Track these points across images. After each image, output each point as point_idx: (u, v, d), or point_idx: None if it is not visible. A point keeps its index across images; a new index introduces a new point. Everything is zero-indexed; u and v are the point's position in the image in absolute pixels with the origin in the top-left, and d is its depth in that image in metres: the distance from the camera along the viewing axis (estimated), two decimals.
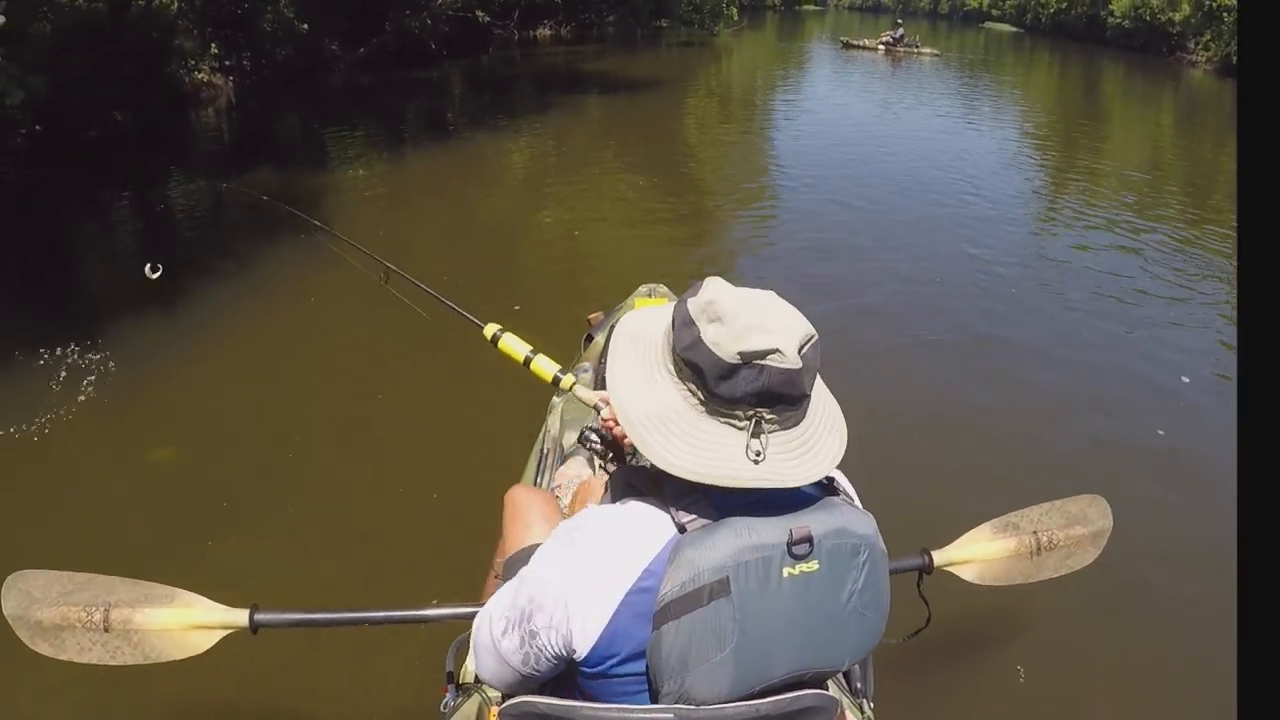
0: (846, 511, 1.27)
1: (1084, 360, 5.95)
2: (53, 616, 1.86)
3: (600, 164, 12.25)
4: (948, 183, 11.33)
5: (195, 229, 8.86)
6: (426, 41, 22.07)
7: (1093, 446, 4.82)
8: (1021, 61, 39.71)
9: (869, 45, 34.80)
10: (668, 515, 1.24)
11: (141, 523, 3.82)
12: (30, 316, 6.22)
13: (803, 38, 49.71)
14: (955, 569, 2.30)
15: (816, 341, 1.20)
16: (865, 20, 74.22)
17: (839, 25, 65.65)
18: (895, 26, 35.46)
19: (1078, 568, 2.42)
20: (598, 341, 3.67)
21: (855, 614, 1.27)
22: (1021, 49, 47.85)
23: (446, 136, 14.06)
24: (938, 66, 30.80)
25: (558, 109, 16.62)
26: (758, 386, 1.16)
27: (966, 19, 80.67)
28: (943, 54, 35.34)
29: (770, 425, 1.20)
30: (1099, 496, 2.51)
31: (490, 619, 1.39)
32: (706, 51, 32.35)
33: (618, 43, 33.29)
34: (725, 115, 18.14)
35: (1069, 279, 7.78)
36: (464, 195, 10.33)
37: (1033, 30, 61.87)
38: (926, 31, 54.72)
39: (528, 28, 30.80)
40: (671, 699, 1.22)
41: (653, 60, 28.39)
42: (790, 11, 78.10)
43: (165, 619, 1.92)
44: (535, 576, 1.29)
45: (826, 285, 7.10)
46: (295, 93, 17.22)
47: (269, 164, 11.59)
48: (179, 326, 5.96)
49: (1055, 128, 18.42)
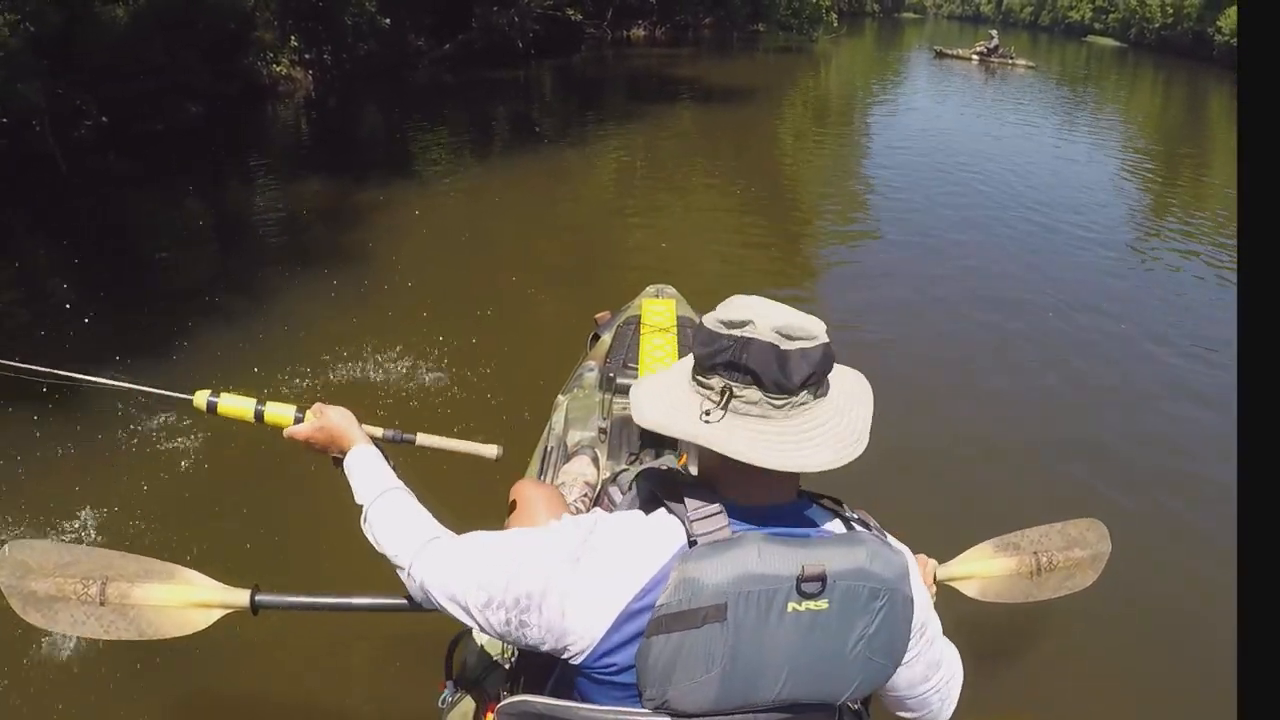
0: (874, 550, 1.21)
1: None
2: (47, 587, 1.77)
3: (690, 175, 11.37)
4: (1033, 206, 10.34)
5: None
6: (514, 40, 21.01)
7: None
8: (1125, 78, 37.05)
9: (963, 55, 33.24)
10: (682, 526, 1.21)
11: (147, 500, 3.77)
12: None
13: (901, 46, 48.13)
14: (957, 584, 2.26)
15: (820, 344, 1.21)
16: (965, 29, 71.41)
17: (937, 34, 63.38)
18: (990, 37, 33.86)
19: (1076, 589, 2.40)
20: (604, 341, 3.60)
21: (862, 658, 1.23)
22: (1124, 65, 44.92)
23: (531, 139, 13.18)
24: (1034, 80, 29.01)
25: (648, 116, 15.40)
26: (728, 356, 1.18)
27: (1069, 32, 76.86)
28: (1039, 67, 33.67)
29: (745, 404, 1.19)
30: (1097, 520, 2.48)
31: (474, 585, 1.30)
32: (804, 59, 30.64)
33: (713, 46, 31.85)
34: (821, 129, 16.58)
35: (1160, 317, 7.08)
36: (548, 200, 9.71)
37: (1137, 46, 58.46)
38: (1026, 43, 53.02)
39: (621, 28, 29.61)
40: (653, 705, 1.21)
41: (748, 66, 26.71)
42: (889, 19, 76.70)
43: (164, 595, 1.83)
44: (538, 574, 1.24)
45: (890, 308, 6.75)
46: (376, 88, 16.40)
47: (343, 160, 11.02)
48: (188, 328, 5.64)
49: (1156, 152, 16.52)
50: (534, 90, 19.31)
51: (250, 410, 1.89)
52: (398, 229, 8.09)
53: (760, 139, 14.58)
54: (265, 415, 1.88)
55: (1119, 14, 65.00)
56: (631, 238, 8.41)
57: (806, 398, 1.21)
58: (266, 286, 6.46)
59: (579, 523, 1.29)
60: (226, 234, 8.32)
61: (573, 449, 2.88)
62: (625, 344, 3.36)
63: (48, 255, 7.59)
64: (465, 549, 1.37)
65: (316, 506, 3.63)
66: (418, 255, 7.32)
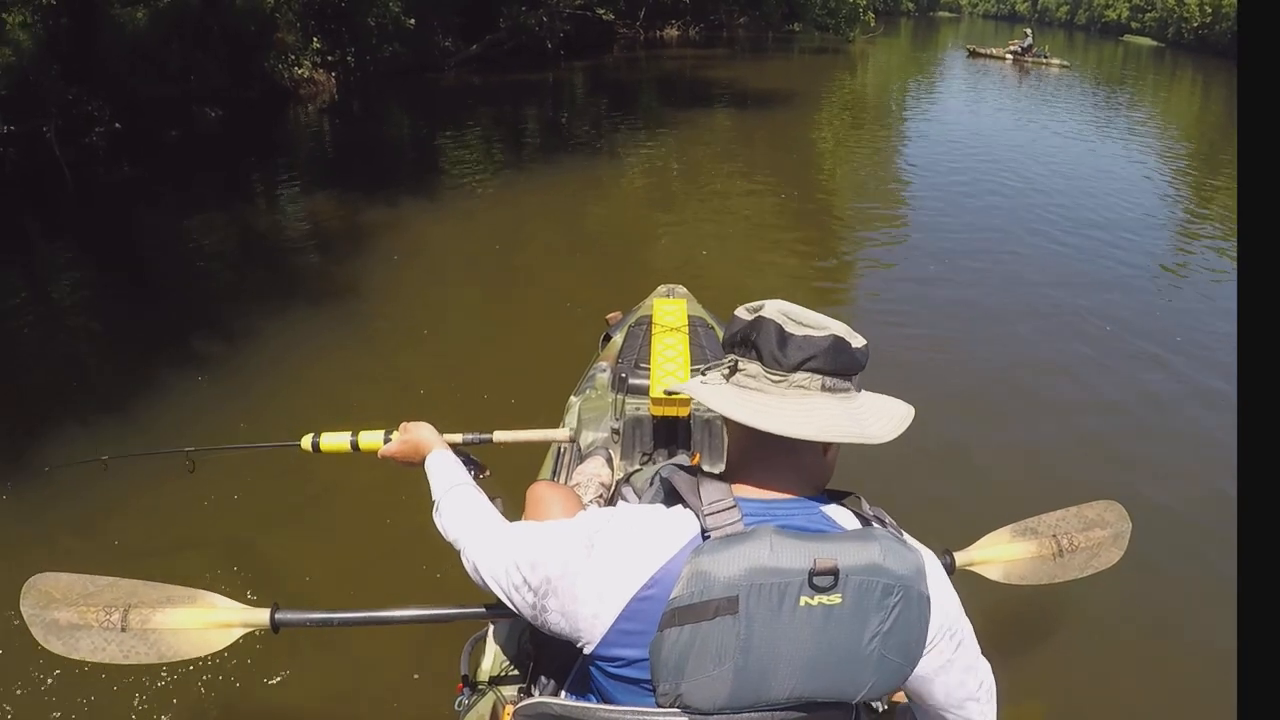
0: (888, 547, 1.19)
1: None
2: (70, 616, 1.75)
3: (725, 182, 10.69)
4: (1068, 216, 9.68)
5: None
6: (543, 41, 20.26)
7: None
8: (1163, 79, 35.59)
9: (996, 54, 32.27)
10: (696, 520, 1.21)
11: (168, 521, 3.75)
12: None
13: (936, 45, 46.91)
14: (979, 568, 2.20)
15: (828, 335, 1.24)
16: (1000, 28, 69.97)
17: (972, 33, 62.15)
18: (1024, 36, 32.93)
19: (1103, 567, 2.29)
20: (615, 341, 3.55)
21: (876, 655, 1.19)
22: (1162, 65, 43.29)
23: (561, 145, 12.52)
24: (1070, 79, 27.93)
25: (682, 122, 14.51)
26: (741, 334, 1.27)
27: (1105, 31, 74.89)
28: (1073, 66, 32.62)
29: (745, 377, 1.25)
30: (1114, 501, 2.39)
31: (510, 567, 1.34)
32: (841, 59, 29.43)
33: (747, 47, 30.78)
34: (858, 133, 15.51)
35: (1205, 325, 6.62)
36: (578, 209, 9.17)
37: (1175, 45, 56.74)
38: (1061, 42, 51.89)
39: (654, 28, 28.89)
40: (668, 700, 1.19)
41: (784, 67, 25.71)
42: (924, 17, 75.61)
43: (185, 619, 1.81)
44: (558, 559, 1.26)
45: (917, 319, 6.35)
46: (401, 91, 15.82)
47: (366, 169, 10.59)
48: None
49: (1195, 157, 15.45)
50: (564, 93, 18.51)
51: (346, 443, 2.11)
52: (421, 241, 7.74)
53: (798, 145, 13.77)
54: (360, 444, 2.09)
55: (1156, 13, 63.28)
56: (663, 244, 7.99)
57: (807, 381, 1.23)
58: (285, 313, 6.02)
59: (601, 512, 1.30)
60: (242, 253, 7.73)
61: (586, 450, 2.85)
62: (637, 344, 3.31)
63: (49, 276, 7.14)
64: (507, 535, 1.39)
65: (336, 521, 3.80)
66: (442, 266, 7.12)
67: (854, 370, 1.26)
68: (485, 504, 1.56)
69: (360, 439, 2.08)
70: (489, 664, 1.96)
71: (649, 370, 2.93)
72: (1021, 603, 2.52)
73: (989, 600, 2.39)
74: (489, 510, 1.54)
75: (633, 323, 3.57)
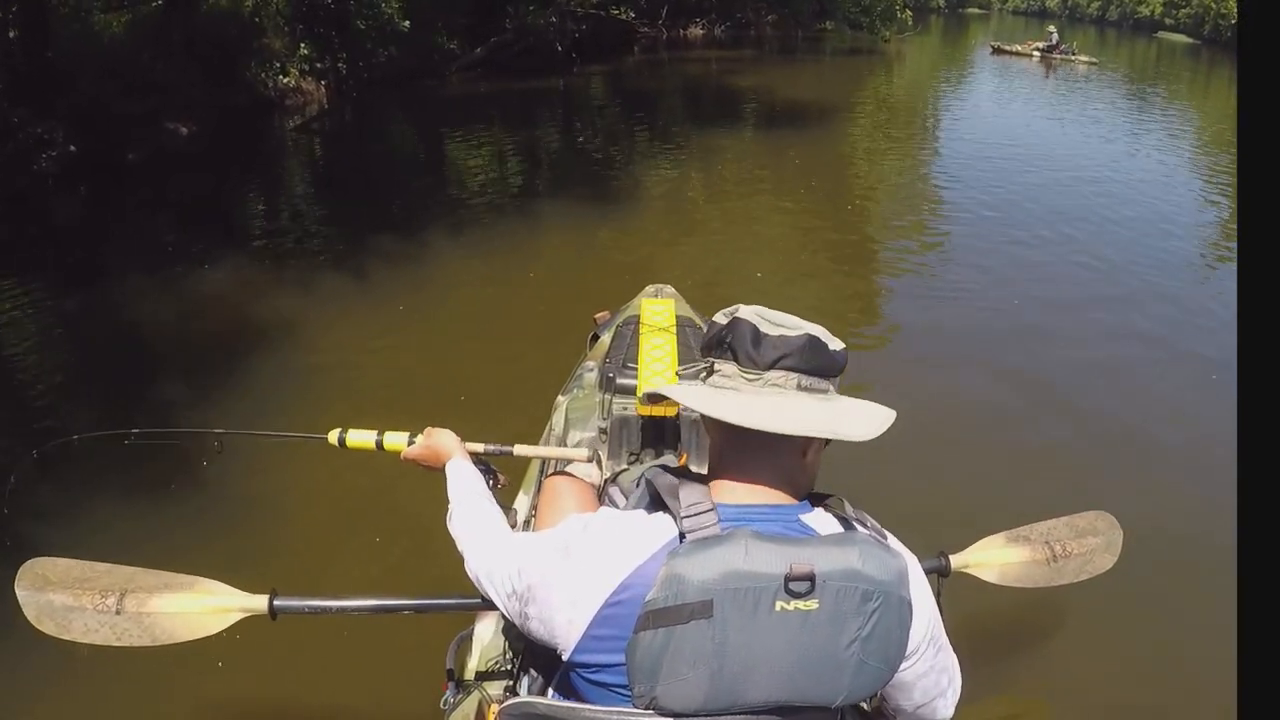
0: (867, 551, 1.13)
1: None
2: (65, 599, 1.70)
3: (753, 201, 9.56)
4: (1102, 224, 9.04)
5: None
6: (553, 43, 18.34)
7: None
8: (1199, 77, 32.98)
9: (1022, 51, 30.60)
10: (674, 523, 1.16)
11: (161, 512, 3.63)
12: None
13: (967, 43, 44.59)
14: (974, 571, 2.18)
15: (802, 334, 1.20)
16: (1030, 24, 67.57)
17: (1002, 30, 59.67)
18: (1050, 34, 31.25)
19: (1097, 573, 2.31)
20: (603, 341, 3.44)
21: (855, 661, 1.14)
22: (1197, 62, 40.47)
23: (575, 156, 11.29)
24: (1098, 77, 26.10)
25: (706, 137, 12.70)
26: (717, 336, 1.22)
27: (1137, 27, 71.50)
28: (1101, 63, 30.87)
29: (721, 378, 1.21)
30: (1104, 511, 2.41)
31: (502, 576, 1.32)
32: (875, 61, 27.09)
33: (776, 48, 28.49)
34: (891, 143, 13.72)
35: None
36: (593, 232, 8.06)
37: (1210, 43, 53.90)
38: (1092, 39, 49.75)
39: (677, 27, 26.97)
40: (643, 703, 1.14)
41: (814, 70, 23.69)
42: (954, 14, 73.58)
43: (182, 603, 1.75)
44: (537, 566, 1.24)
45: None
46: (398, 100, 14.26)
47: (356, 190, 9.47)
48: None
49: (1231, 161, 13.45)
50: (576, 103, 16.59)
51: (372, 441, 2.01)
52: (420, 274, 6.82)
53: (831, 162, 12.10)
54: (385, 444, 2.00)
55: (1192, 9, 60.38)
56: (684, 265, 7.01)
57: (783, 380, 1.19)
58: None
59: (580, 518, 1.26)
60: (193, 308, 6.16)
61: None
62: (624, 344, 3.16)
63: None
64: (503, 545, 1.37)
65: (338, 507, 3.70)
66: (448, 287, 6.55)
67: (832, 372, 1.22)
68: (494, 514, 1.53)
69: (385, 439, 1.97)
70: (475, 661, 1.96)
71: (636, 370, 2.86)
72: (1016, 606, 2.57)
73: (985, 602, 2.41)
74: (495, 521, 1.50)
75: (620, 322, 3.42)
